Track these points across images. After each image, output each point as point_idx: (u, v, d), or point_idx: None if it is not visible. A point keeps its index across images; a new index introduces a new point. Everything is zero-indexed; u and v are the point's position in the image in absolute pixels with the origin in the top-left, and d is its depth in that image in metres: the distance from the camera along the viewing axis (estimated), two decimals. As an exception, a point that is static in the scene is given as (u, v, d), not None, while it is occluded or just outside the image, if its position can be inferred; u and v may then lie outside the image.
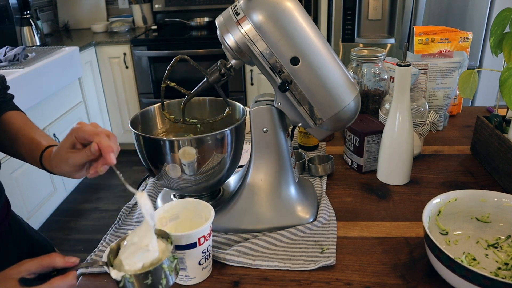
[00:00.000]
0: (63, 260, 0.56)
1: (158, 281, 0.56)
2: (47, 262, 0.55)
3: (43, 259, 0.55)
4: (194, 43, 2.99)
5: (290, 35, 0.70)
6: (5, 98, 0.87)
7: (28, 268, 0.54)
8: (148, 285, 0.56)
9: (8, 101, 0.88)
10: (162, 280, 0.57)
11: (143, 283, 0.55)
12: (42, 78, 2.37)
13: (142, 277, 0.55)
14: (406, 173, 0.95)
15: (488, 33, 2.31)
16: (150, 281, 0.56)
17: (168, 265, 0.57)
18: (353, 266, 0.72)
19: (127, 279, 0.55)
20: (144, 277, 0.55)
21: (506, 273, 0.67)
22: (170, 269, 0.57)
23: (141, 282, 0.55)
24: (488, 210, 0.75)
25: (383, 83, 1.12)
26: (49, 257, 0.55)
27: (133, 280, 0.55)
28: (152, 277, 0.56)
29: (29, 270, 0.54)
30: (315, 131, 0.80)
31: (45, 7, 3.35)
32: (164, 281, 0.57)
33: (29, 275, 0.54)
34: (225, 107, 0.83)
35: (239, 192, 0.83)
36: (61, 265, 0.55)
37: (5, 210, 0.86)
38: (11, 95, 0.90)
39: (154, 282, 0.56)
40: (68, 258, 0.56)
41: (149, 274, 0.55)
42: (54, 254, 0.56)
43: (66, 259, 0.56)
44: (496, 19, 0.94)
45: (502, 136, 0.92)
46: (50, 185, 2.50)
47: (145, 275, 0.55)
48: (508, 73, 0.82)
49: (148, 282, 0.55)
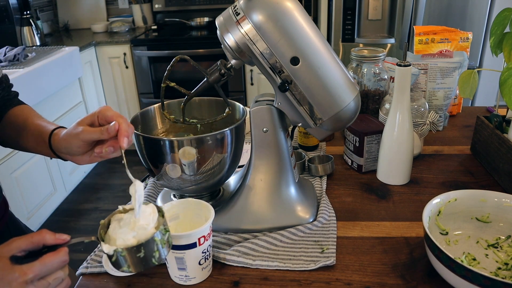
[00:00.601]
0: (54, 237, 0.55)
1: (151, 254, 0.56)
2: (37, 239, 0.54)
3: (33, 236, 0.54)
4: (194, 43, 2.99)
5: (290, 35, 0.70)
6: (9, 95, 0.88)
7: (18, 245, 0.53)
8: (141, 258, 0.55)
9: (13, 98, 0.88)
10: (155, 253, 0.56)
11: (136, 256, 0.55)
12: (42, 78, 2.37)
13: (134, 250, 0.55)
14: (406, 173, 0.95)
15: (488, 33, 2.31)
16: (143, 254, 0.55)
17: (161, 238, 0.57)
18: (353, 266, 0.72)
19: (119, 252, 0.54)
20: (136, 250, 0.55)
21: (506, 273, 0.67)
22: (162, 242, 0.57)
23: (133, 256, 0.55)
24: (488, 210, 0.75)
25: (383, 83, 1.12)
26: (39, 234, 0.54)
27: (125, 253, 0.54)
28: (144, 250, 0.55)
29: (20, 247, 0.53)
30: (315, 131, 0.80)
31: (45, 7, 3.35)
32: (156, 253, 0.56)
33: (19, 253, 0.53)
34: (225, 107, 0.83)
35: (239, 192, 0.83)
36: (51, 242, 0.55)
37: (3, 210, 0.86)
38: (16, 92, 0.90)
39: (147, 255, 0.55)
40: (58, 235, 0.55)
41: (141, 247, 0.55)
42: (44, 231, 0.55)
43: (56, 236, 0.55)
44: (496, 19, 0.94)
45: (502, 136, 0.92)
46: (50, 185, 2.50)
47: (137, 248, 0.55)
48: (508, 73, 0.82)
49: (140, 255, 0.55)
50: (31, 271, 0.51)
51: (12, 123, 0.82)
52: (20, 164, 2.19)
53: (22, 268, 0.51)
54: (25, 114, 0.82)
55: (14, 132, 0.81)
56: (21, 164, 2.19)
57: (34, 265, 0.52)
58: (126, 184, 2.91)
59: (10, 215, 0.91)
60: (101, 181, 2.99)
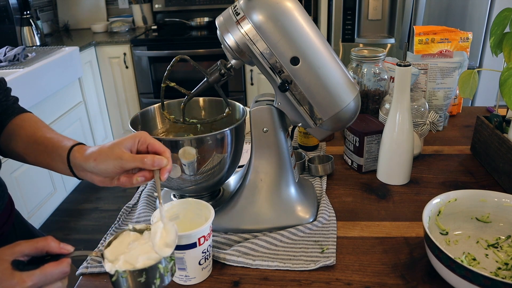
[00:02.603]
0: (58, 246, 0.54)
1: (152, 281, 0.55)
2: (42, 245, 0.53)
3: (38, 242, 0.53)
4: (194, 43, 2.99)
5: (290, 35, 0.70)
6: (8, 101, 0.82)
7: (22, 250, 0.52)
8: (142, 283, 0.55)
9: (13, 103, 0.82)
10: (156, 280, 0.56)
11: (136, 281, 0.55)
12: (42, 78, 2.37)
13: (136, 274, 0.54)
14: (406, 173, 0.95)
15: (488, 33, 2.31)
16: (144, 279, 0.55)
17: (165, 266, 0.57)
18: (353, 266, 0.72)
19: (121, 274, 0.54)
20: (138, 275, 0.54)
21: (506, 273, 0.67)
22: (165, 270, 0.57)
23: (134, 279, 0.54)
24: (488, 210, 0.75)
25: (383, 83, 1.12)
26: (45, 240, 0.54)
27: (127, 275, 0.54)
28: (146, 275, 0.55)
29: (23, 252, 0.52)
30: (315, 131, 0.80)
31: (45, 7, 3.35)
32: (158, 281, 0.56)
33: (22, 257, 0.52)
34: (225, 107, 0.83)
35: (239, 192, 0.83)
36: (55, 250, 0.54)
37: (9, 209, 0.86)
38: (15, 98, 0.84)
39: (148, 280, 0.55)
40: (63, 244, 0.55)
41: (144, 272, 0.55)
42: (50, 238, 0.54)
43: (61, 245, 0.54)
44: (496, 19, 0.94)
45: (502, 136, 0.92)
46: (50, 185, 2.50)
47: (139, 273, 0.54)
48: (508, 73, 0.82)
49: (141, 280, 0.55)
50: (30, 279, 0.50)
51: (18, 135, 0.76)
52: (20, 164, 2.19)
53: (22, 275, 0.50)
54: (33, 126, 0.77)
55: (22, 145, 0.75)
56: (21, 164, 2.19)
57: (34, 274, 0.51)
58: (126, 184, 2.92)
59: (17, 215, 0.90)
60: (101, 181, 2.99)
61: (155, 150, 0.63)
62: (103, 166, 0.63)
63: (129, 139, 0.63)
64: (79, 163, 0.66)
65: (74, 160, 0.67)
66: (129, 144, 0.63)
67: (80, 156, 0.66)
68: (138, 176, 0.62)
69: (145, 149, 0.64)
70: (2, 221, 0.82)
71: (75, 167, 0.67)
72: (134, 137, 0.64)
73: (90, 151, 0.65)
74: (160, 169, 0.62)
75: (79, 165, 0.66)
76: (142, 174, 0.62)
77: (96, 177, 0.66)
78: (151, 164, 0.61)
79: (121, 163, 0.61)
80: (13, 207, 0.88)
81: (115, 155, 0.62)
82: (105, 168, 0.63)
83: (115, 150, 0.62)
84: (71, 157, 0.67)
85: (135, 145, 0.64)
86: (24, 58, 2.45)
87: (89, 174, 0.66)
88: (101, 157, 0.63)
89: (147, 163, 0.61)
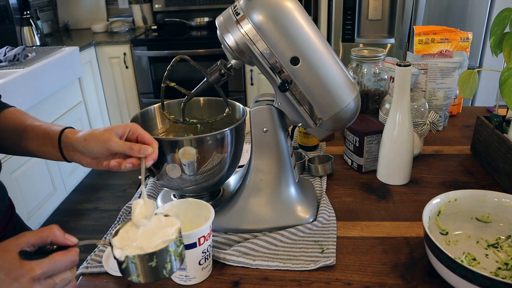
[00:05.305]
0: (63, 235, 0.54)
1: (163, 265, 0.54)
2: (47, 234, 0.53)
3: (43, 231, 0.53)
4: (194, 43, 2.99)
5: (290, 35, 0.70)
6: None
7: (28, 240, 0.52)
8: (152, 268, 0.53)
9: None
10: (167, 264, 0.54)
11: (147, 265, 0.53)
12: (42, 78, 2.37)
13: (147, 258, 0.53)
14: (406, 173, 0.95)
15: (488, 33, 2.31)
16: (154, 264, 0.53)
17: (174, 249, 0.55)
18: (353, 266, 0.72)
19: (131, 259, 0.53)
20: (149, 259, 0.53)
21: (506, 273, 0.67)
22: (175, 254, 0.55)
23: (145, 264, 0.53)
24: (488, 210, 0.75)
25: (383, 83, 1.12)
26: (49, 229, 0.53)
27: (136, 261, 0.53)
28: (157, 259, 0.53)
29: (29, 242, 0.52)
30: (315, 131, 0.80)
31: (45, 7, 3.35)
32: (168, 265, 0.55)
33: (28, 248, 0.52)
34: (225, 107, 0.83)
35: (239, 192, 0.83)
36: (60, 240, 0.54)
37: (9, 213, 0.86)
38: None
39: (158, 265, 0.54)
40: (68, 235, 0.54)
41: (154, 256, 0.53)
42: (55, 226, 0.54)
43: (66, 236, 0.54)
44: (496, 19, 0.94)
45: (502, 136, 0.92)
46: (50, 185, 2.50)
47: (150, 257, 0.53)
48: (508, 73, 0.82)
49: (152, 264, 0.53)
50: (40, 267, 0.50)
51: (7, 126, 0.79)
52: (20, 164, 2.19)
53: (31, 264, 0.50)
54: (20, 117, 0.80)
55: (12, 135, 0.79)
56: (21, 164, 2.19)
57: (43, 262, 0.51)
58: (126, 184, 2.92)
59: (17, 218, 0.90)
60: (101, 181, 2.99)
61: (144, 141, 0.69)
62: (91, 146, 0.68)
63: (120, 127, 0.69)
64: (70, 142, 0.71)
65: (65, 140, 0.72)
66: (120, 131, 0.69)
67: (72, 136, 0.71)
68: (126, 163, 0.67)
69: (135, 139, 0.70)
70: (3, 224, 0.82)
71: (65, 147, 0.72)
72: (125, 126, 0.69)
73: (82, 133, 0.71)
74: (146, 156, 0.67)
75: (70, 144, 0.71)
76: (131, 161, 0.68)
77: (84, 158, 0.71)
78: (137, 151, 0.67)
79: (109, 145, 0.67)
80: (14, 211, 0.88)
81: (105, 138, 0.67)
82: (92, 149, 0.68)
83: (105, 134, 0.68)
84: (63, 137, 0.72)
85: (126, 133, 0.69)
86: (24, 58, 2.45)
87: (78, 155, 0.71)
88: (91, 138, 0.68)
89: (135, 149, 0.67)
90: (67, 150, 0.72)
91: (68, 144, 0.71)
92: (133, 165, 0.68)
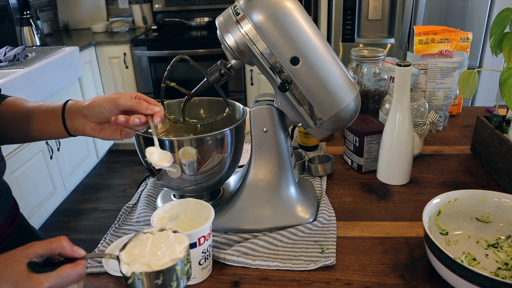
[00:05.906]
0: (71, 248, 0.54)
1: (169, 283, 0.54)
2: (56, 245, 0.53)
3: (52, 242, 0.53)
4: (194, 43, 2.99)
5: (290, 35, 0.70)
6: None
7: (36, 250, 0.52)
8: (158, 285, 0.54)
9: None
10: (173, 283, 0.55)
11: (153, 283, 0.53)
12: (42, 78, 2.37)
13: (154, 276, 0.53)
14: (406, 173, 0.95)
15: (488, 33, 2.31)
16: (161, 281, 0.53)
17: (181, 268, 0.55)
18: (353, 266, 0.72)
19: (137, 276, 0.53)
20: (155, 277, 0.53)
21: (506, 273, 0.67)
22: (182, 272, 0.55)
23: (151, 281, 0.53)
24: (488, 210, 0.75)
25: (383, 83, 1.12)
26: (58, 240, 0.53)
27: (143, 278, 0.53)
28: (163, 277, 0.53)
29: (37, 253, 0.52)
30: (315, 131, 0.80)
31: (45, 7, 3.35)
32: (174, 283, 0.55)
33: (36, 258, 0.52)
34: (225, 107, 0.83)
35: (239, 192, 0.83)
36: (68, 252, 0.53)
37: (13, 212, 0.86)
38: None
39: (165, 283, 0.54)
40: (76, 248, 0.54)
41: (161, 274, 0.53)
42: (63, 238, 0.54)
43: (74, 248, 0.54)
44: (496, 19, 0.94)
45: (502, 136, 0.92)
46: (50, 185, 2.50)
47: (157, 275, 0.53)
48: (508, 73, 0.82)
49: (158, 282, 0.53)
50: (48, 281, 0.50)
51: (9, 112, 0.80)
52: (20, 164, 2.19)
53: (39, 277, 0.50)
54: (20, 102, 0.81)
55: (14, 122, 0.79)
56: (21, 164, 2.19)
57: (51, 275, 0.51)
58: (126, 184, 2.91)
59: (21, 217, 0.90)
60: (101, 181, 2.99)
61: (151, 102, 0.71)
62: (100, 105, 0.69)
63: (127, 93, 0.71)
64: (75, 108, 0.73)
65: (70, 108, 0.73)
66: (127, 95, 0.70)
67: (77, 102, 0.74)
68: (134, 117, 0.68)
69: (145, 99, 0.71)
70: (7, 223, 0.82)
71: (69, 116, 0.73)
72: (131, 93, 0.71)
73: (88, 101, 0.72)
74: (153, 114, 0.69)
75: (75, 110, 0.72)
76: (138, 116, 0.68)
77: (88, 124, 0.71)
78: (146, 107, 0.68)
79: (117, 99, 0.68)
80: (18, 210, 0.88)
81: (113, 96, 0.69)
82: (100, 107, 0.69)
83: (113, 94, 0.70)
84: (67, 106, 0.74)
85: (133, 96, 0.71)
86: (24, 58, 2.45)
87: (82, 121, 0.72)
88: (98, 100, 0.70)
89: (143, 105, 0.68)
90: (70, 118, 0.73)
91: (73, 111, 0.72)
92: (140, 121, 0.68)
